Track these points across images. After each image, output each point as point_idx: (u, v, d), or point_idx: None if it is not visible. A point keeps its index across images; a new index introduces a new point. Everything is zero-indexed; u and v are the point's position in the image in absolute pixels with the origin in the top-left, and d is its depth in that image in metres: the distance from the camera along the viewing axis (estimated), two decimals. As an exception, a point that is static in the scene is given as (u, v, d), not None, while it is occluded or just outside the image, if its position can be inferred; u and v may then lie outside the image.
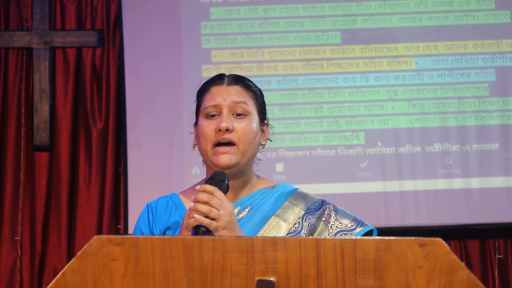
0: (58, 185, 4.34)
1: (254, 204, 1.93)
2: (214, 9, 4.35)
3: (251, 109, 1.92)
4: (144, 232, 1.97)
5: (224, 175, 1.79)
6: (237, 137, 1.87)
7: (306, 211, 1.91)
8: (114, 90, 4.40)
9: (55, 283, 1.25)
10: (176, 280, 1.24)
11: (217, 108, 1.90)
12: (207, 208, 1.68)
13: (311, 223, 1.88)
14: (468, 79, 4.26)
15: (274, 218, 1.90)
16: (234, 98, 1.91)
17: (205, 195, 1.70)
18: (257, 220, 1.90)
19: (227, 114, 1.89)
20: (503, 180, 4.19)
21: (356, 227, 1.88)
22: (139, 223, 2.00)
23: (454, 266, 1.20)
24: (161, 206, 2.00)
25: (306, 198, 1.95)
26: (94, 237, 1.26)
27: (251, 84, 1.99)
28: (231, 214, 1.71)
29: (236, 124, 1.88)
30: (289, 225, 1.88)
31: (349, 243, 1.22)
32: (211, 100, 1.92)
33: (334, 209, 1.91)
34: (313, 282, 1.22)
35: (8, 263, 4.28)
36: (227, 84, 1.95)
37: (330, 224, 1.88)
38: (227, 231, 1.69)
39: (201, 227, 1.67)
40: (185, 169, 4.23)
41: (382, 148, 4.24)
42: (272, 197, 1.94)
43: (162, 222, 1.96)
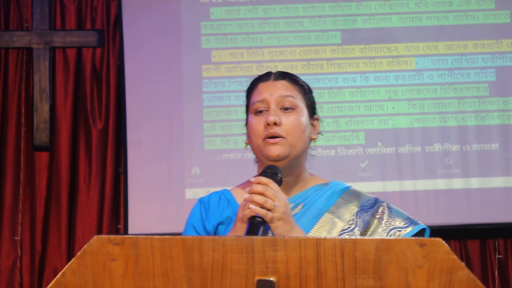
0: (58, 185, 4.34)
1: (308, 201, 1.93)
2: (214, 9, 4.35)
3: (299, 103, 1.93)
4: (197, 227, 1.97)
5: (276, 168, 1.81)
6: (285, 130, 1.87)
7: (360, 209, 1.91)
8: (114, 90, 4.40)
9: (55, 283, 1.25)
10: (176, 280, 1.24)
11: (265, 103, 1.91)
12: (262, 198, 1.69)
13: (365, 220, 1.88)
14: (468, 79, 4.26)
15: (328, 215, 1.90)
16: (281, 93, 1.92)
17: (261, 186, 1.71)
18: (310, 217, 1.90)
19: (274, 109, 1.89)
20: (503, 180, 4.19)
21: (409, 226, 1.88)
22: (191, 219, 2.00)
23: (454, 266, 1.20)
24: (213, 201, 2.01)
25: (360, 196, 1.95)
26: (94, 237, 1.26)
27: (298, 79, 2.01)
28: (286, 206, 1.72)
29: (284, 118, 1.89)
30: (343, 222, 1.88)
31: (349, 243, 1.22)
32: (258, 95, 1.93)
33: (388, 207, 1.92)
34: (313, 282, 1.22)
35: (8, 263, 4.28)
36: (273, 80, 1.96)
37: (384, 221, 1.88)
38: (282, 222, 1.70)
39: (257, 218, 1.68)
40: (185, 169, 4.23)
41: (382, 148, 4.24)
42: (325, 194, 1.95)
43: (215, 217, 1.97)
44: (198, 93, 4.29)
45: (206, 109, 4.27)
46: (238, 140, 4.24)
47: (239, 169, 4.20)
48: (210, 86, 4.29)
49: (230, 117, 4.26)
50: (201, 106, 4.28)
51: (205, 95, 4.28)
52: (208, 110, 4.27)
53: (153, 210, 4.21)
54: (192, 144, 4.26)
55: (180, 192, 4.22)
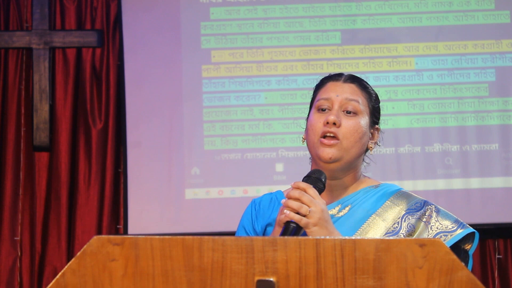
0: (58, 185, 4.34)
1: (356, 203, 1.92)
2: (214, 9, 4.35)
3: (363, 108, 1.92)
4: (247, 228, 1.98)
5: (321, 173, 1.81)
6: (342, 133, 1.87)
7: (407, 211, 1.89)
8: (114, 90, 4.40)
9: (55, 283, 1.25)
10: (176, 280, 1.24)
11: (329, 101, 1.90)
12: (297, 204, 1.69)
13: (411, 224, 1.87)
14: (468, 79, 4.26)
15: (374, 217, 1.89)
16: (347, 96, 1.91)
17: (297, 192, 1.71)
18: (357, 218, 1.89)
19: (337, 109, 1.89)
20: (503, 180, 4.19)
21: (457, 229, 1.86)
22: (243, 220, 2.01)
23: (454, 266, 1.20)
24: (264, 202, 2.01)
25: (409, 198, 1.93)
26: (93, 237, 1.26)
27: (368, 86, 1.99)
28: (323, 211, 1.72)
29: (344, 120, 1.88)
30: (388, 224, 1.87)
31: (349, 243, 1.22)
32: (325, 93, 1.93)
33: (436, 210, 1.90)
34: (313, 282, 1.22)
35: (8, 263, 4.28)
36: (343, 81, 1.95)
37: (431, 225, 1.86)
38: (318, 228, 1.69)
39: (291, 223, 1.68)
40: (185, 169, 4.23)
41: (382, 148, 4.24)
42: (374, 196, 1.94)
43: (264, 218, 1.97)
44: (198, 93, 4.29)
45: (206, 109, 4.27)
46: (238, 140, 4.24)
47: (239, 169, 4.20)
48: (210, 86, 4.29)
49: (230, 117, 4.26)
50: (201, 106, 4.28)
51: (205, 95, 4.28)
52: (208, 110, 4.27)
53: (153, 210, 4.21)
54: (192, 144, 4.26)
55: (180, 192, 4.22)
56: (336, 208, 1.91)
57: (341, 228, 1.82)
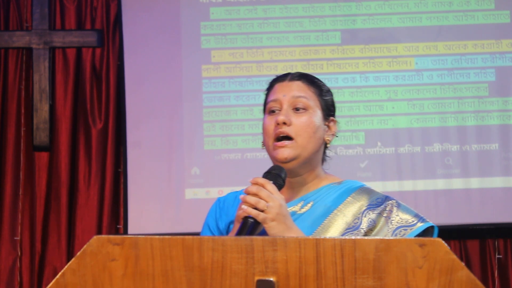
0: (58, 185, 4.34)
1: (318, 199, 1.93)
2: (214, 9, 4.35)
3: (312, 103, 1.93)
4: (211, 227, 1.99)
5: (281, 169, 1.82)
6: (295, 131, 1.88)
7: (367, 207, 1.90)
8: (114, 90, 4.40)
9: (54, 283, 1.25)
10: (175, 280, 1.24)
11: (277, 103, 1.92)
12: (255, 199, 1.70)
13: (371, 219, 1.87)
14: (468, 79, 4.26)
15: (336, 213, 1.90)
16: (294, 93, 1.92)
17: (255, 187, 1.72)
18: (318, 214, 1.89)
19: (286, 109, 1.90)
20: (503, 180, 4.19)
21: (416, 223, 1.86)
22: (208, 218, 2.03)
23: (454, 266, 1.20)
24: (228, 200, 2.02)
25: (370, 194, 1.95)
26: (93, 237, 1.26)
27: (316, 80, 2.00)
28: (281, 206, 1.72)
29: (295, 118, 1.89)
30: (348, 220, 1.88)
31: (349, 243, 1.22)
32: (273, 95, 1.94)
33: (396, 204, 1.90)
34: (312, 282, 1.22)
35: (8, 263, 4.28)
36: (289, 80, 1.96)
37: (391, 219, 1.87)
38: (276, 223, 1.70)
39: (249, 218, 1.68)
40: (185, 169, 4.23)
41: (382, 148, 4.24)
42: (336, 193, 1.94)
43: (228, 215, 1.98)
44: (198, 93, 4.28)
45: (206, 109, 4.27)
46: (238, 140, 4.24)
47: (239, 169, 4.20)
48: (210, 86, 4.29)
49: (230, 117, 4.26)
50: (201, 106, 4.28)
51: (205, 95, 4.28)
52: (208, 110, 4.27)
53: (153, 210, 4.21)
54: (192, 144, 4.26)
55: (180, 192, 4.22)
56: (298, 205, 1.91)
57: (303, 224, 1.83)
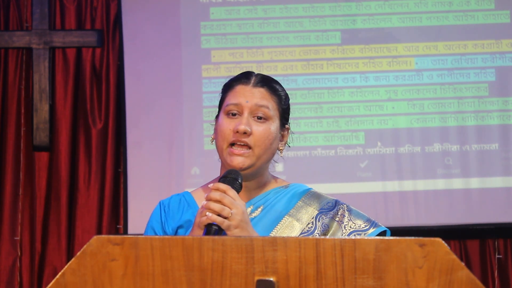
0: (58, 185, 4.34)
1: (267, 204, 1.91)
2: (214, 9, 4.35)
3: (273, 113, 1.89)
4: (157, 230, 1.95)
5: (237, 174, 1.79)
6: (254, 141, 1.84)
7: (320, 211, 1.89)
8: (114, 90, 4.40)
9: (55, 283, 1.25)
10: (175, 280, 1.24)
11: (239, 107, 1.87)
12: (219, 206, 1.67)
13: (325, 223, 1.87)
14: (468, 79, 4.26)
15: (288, 218, 1.88)
16: (257, 101, 1.88)
17: (218, 193, 1.69)
18: (270, 220, 1.88)
19: (247, 116, 1.86)
20: (503, 180, 4.19)
21: (369, 228, 1.87)
22: (151, 221, 1.98)
23: (454, 266, 1.20)
24: (173, 204, 1.99)
25: (320, 198, 1.93)
26: (93, 237, 1.26)
27: (278, 88, 1.96)
28: (244, 213, 1.70)
29: (255, 127, 1.85)
30: (302, 225, 1.87)
31: (349, 243, 1.22)
32: (234, 98, 1.89)
33: (348, 209, 1.90)
34: (312, 282, 1.22)
35: (8, 263, 4.28)
36: (252, 85, 1.91)
37: (344, 224, 1.86)
38: (239, 230, 1.68)
39: (213, 226, 1.67)
40: (184, 169, 4.23)
41: (382, 148, 4.24)
42: (285, 197, 1.93)
43: (175, 220, 1.95)
44: (198, 93, 4.29)
45: (206, 109, 4.27)
46: (238, 140, 4.24)
47: (239, 169, 4.20)
48: (210, 86, 4.29)
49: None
50: (201, 106, 4.28)
51: (205, 95, 4.28)
52: (208, 110, 4.27)
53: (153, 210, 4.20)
54: (192, 144, 4.26)
55: (180, 192, 4.21)
56: (248, 209, 1.89)
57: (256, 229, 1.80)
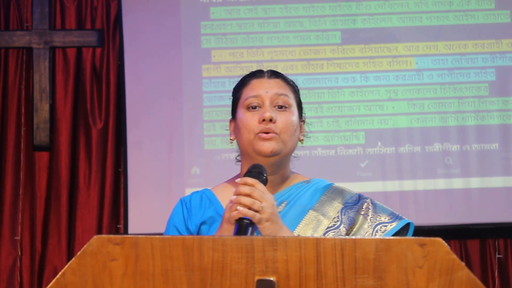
0: (58, 185, 4.34)
1: (291, 199, 1.91)
2: (214, 8, 4.35)
3: (292, 102, 1.92)
4: (179, 227, 1.95)
5: (262, 168, 1.79)
6: (279, 128, 1.86)
7: (344, 205, 1.90)
8: (114, 90, 4.40)
9: (55, 283, 1.25)
10: (176, 280, 1.24)
11: (259, 99, 1.89)
12: (250, 200, 1.67)
13: (350, 217, 1.87)
14: (468, 79, 4.26)
15: (312, 212, 1.89)
16: (276, 90, 1.90)
17: (247, 188, 1.69)
18: (294, 215, 1.88)
19: (269, 105, 1.88)
20: (503, 180, 4.19)
21: (394, 221, 1.88)
22: (173, 219, 1.98)
23: (454, 266, 1.20)
24: (195, 201, 1.99)
25: (343, 193, 1.94)
26: (94, 237, 1.26)
27: (290, 79, 1.99)
28: (274, 206, 1.71)
29: (278, 116, 1.87)
30: (328, 219, 1.87)
31: (349, 243, 1.22)
32: (252, 91, 1.91)
33: (372, 203, 1.91)
34: (313, 282, 1.22)
35: (8, 263, 4.28)
36: (268, 77, 1.94)
37: (369, 217, 1.87)
38: (270, 223, 1.68)
39: (245, 220, 1.66)
40: (185, 169, 4.23)
41: (382, 148, 4.24)
42: (308, 191, 1.93)
43: (197, 217, 1.95)
44: (198, 93, 4.29)
45: (206, 109, 4.27)
46: (238, 140, 4.24)
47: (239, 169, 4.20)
48: (210, 86, 4.29)
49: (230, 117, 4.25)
50: (201, 106, 4.28)
51: (205, 95, 4.28)
52: (208, 110, 4.27)
53: (153, 210, 4.21)
54: (192, 144, 4.26)
55: (180, 192, 4.21)
56: None
57: None
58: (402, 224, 1.88)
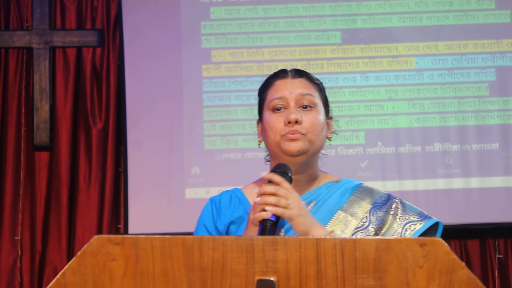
0: (58, 185, 4.34)
1: (320, 198, 1.91)
2: (214, 8, 4.35)
3: (317, 101, 1.92)
4: (209, 227, 1.95)
5: (286, 167, 1.79)
6: (306, 129, 1.86)
7: (373, 205, 1.89)
8: (114, 90, 4.40)
9: (55, 283, 1.25)
10: (176, 280, 1.24)
11: (283, 100, 1.89)
12: (275, 198, 1.67)
13: (379, 217, 1.87)
14: (468, 79, 4.26)
15: (341, 213, 1.88)
16: (301, 91, 1.90)
17: (272, 187, 1.69)
18: (323, 215, 1.87)
19: (294, 107, 1.87)
20: (503, 180, 4.19)
21: (423, 220, 1.88)
22: (203, 218, 1.98)
23: (454, 266, 1.20)
24: (224, 200, 1.99)
25: (372, 193, 1.94)
26: (94, 237, 1.26)
27: (314, 78, 1.98)
28: (301, 201, 1.70)
29: (303, 116, 1.87)
30: (357, 220, 1.87)
31: (349, 243, 1.22)
32: (277, 92, 1.91)
33: (401, 202, 1.91)
34: (313, 282, 1.22)
35: (8, 263, 4.28)
36: (291, 77, 1.93)
37: (398, 216, 1.87)
38: (302, 218, 1.68)
39: (268, 221, 1.66)
40: (185, 169, 4.23)
41: (382, 148, 4.24)
42: (337, 191, 1.93)
43: (226, 216, 1.95)
44: (198, 93, 4.29)
45: (206, 109, 4.27)
46: (238, 139, 4.24)
47: (239, 169, 4.20)
48: (210, 86, 4.29)
49: (230, 117, 4.26)
50: (201, 106, 4.28)
51: (205, 95, 4.28)
52: (208, 110, 4.27)
53: (153, 210, 4.21)
54: (192, 144, 4.26)
55: (180, 192, 4.22)
56: None
57: None
58: (431, 223, 1.88)
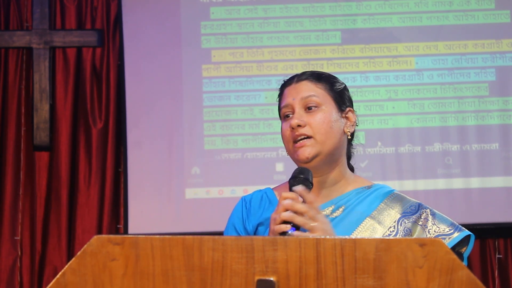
0: (58, 185, 4.34)
1: (349, 204, 1.89)
2: (214, 8, 4.35)
3: (322, 99, 1.90)
4: (237, 227, 1.96)
5: (307, 172, 1.78)
6: (312, 129, 1.86)
7: (402, 215, 1.87)
8: (114, 90, 4.40)
9: (55, 283, 1.25)
10: (176, 280, 1.24)
11: (289, 107, 1.91)
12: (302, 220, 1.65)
13: (407, 228, 1.85)
14: (468, 79, 4.26)
15: (369, 220, 1.87)
16: (303, 94, 1.90)
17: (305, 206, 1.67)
18: (351, 221, 1.86)
19: (298, 111, 1.89)
20: (503, 180, 4.19)
21: (454, 232, 1.85)
22: (233, 218, 1.99)
23: (454, 266, 1.20)
24: (255, 200, 1.99)
25: (403, 201, 1.91)
26: (94, 237, 1.26)
27: (323, 74, 1.96)
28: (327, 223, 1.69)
29: (308, 118, 1.88)
30: (384, 228, 1.85)
31: (349, 243, 1.22)
32: (283, 100, 1.95)
33: (432, 213, 1.88)
34: (313, 282, 1.22)
35: (8, 263, 4.28)
36: (295, 82, 1.95)
37: (428, 228, 1.84)
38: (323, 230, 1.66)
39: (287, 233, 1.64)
40: (185, 169, 4.23)
41: (382, 148, 4.24)
42: (367, 198, 1.91)
43: (256, 217, 1.95)
44: (198, 93, 4.29)
45: (206, 109, 4.27)
46: (238, 140, 4.24)
47: (239, 168, 4.20)
48: (210, 86, 4.29)
49: (230, 117, 4.26)
50: (201, 106, 4.28)
51: (205, 95, 4.28)
52: (208, 110, 4.27)
53: (153, 210, 4.21)
54: (192, 144, 4.26)
55: (180, 192, 4.22)
56: (329, 209, 1.88)
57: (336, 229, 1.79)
58: (462, 236, 1.85)
